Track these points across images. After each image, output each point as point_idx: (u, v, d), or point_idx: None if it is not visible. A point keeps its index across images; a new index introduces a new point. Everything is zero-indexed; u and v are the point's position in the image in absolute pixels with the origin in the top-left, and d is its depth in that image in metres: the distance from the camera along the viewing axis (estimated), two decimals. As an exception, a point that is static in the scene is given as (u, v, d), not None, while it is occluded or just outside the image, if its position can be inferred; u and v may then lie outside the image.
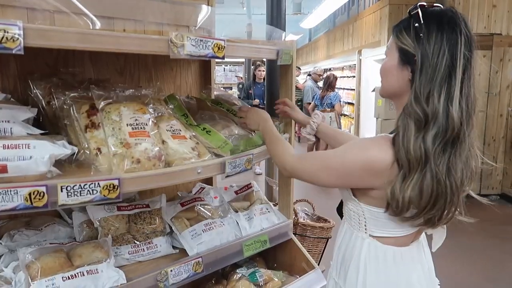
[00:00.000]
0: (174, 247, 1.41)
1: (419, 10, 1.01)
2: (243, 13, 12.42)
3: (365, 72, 7.43)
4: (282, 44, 1.49)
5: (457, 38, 0.96)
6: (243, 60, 15.55)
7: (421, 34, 0.98)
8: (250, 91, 6.42)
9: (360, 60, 7.50)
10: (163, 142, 1.17)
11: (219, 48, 1.14)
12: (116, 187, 0.96)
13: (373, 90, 5.62)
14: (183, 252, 1.36)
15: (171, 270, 1.21)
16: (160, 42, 1.05)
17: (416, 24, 1.00)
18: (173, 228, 1.41)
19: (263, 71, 6.10)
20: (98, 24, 1.18)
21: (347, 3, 11.10)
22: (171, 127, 1.22)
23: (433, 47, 0.97)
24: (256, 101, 6.21)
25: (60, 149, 0.99)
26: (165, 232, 1.40)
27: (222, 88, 15.98)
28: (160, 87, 1.46)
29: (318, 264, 1.84)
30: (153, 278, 1.18)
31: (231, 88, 16.80)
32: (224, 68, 17.80)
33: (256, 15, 12.02)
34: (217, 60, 1.22)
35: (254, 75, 6.47)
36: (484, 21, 5.81)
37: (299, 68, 12.38)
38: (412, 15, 1.03)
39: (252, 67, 6.93)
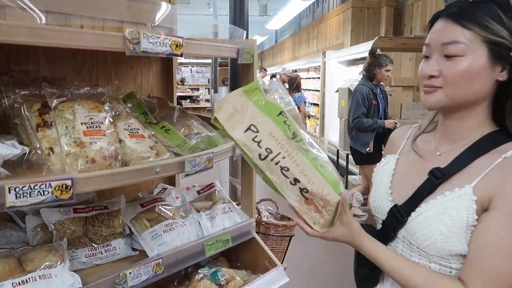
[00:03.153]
0: (134, 249, 1.38)
1: None
2: (210, 14, 12.39)
3: (329, 74, 7.56)
4: (243, 43, 1.49)
5: None
6: (209, 60, 15.51)
7: None
8: (374, 102, 4.05)
9: (325, 62, 7.63)
10: (120, 141, 1.14)
11: (177, 46, 1.13)
12: (69, 187, 0.93)
13: (337, 91, 5.73)
14: (143, 254, 1.33)
15: (130, 272, 1.18)
16: (116, 38, 1.03)
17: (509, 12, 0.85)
18: (132, 230, 1.38)
19: (389, 71, 4.05)
20: (51, 20, 1.14)
21: (312, 6, 11.28)
22: (128, 126, 1.20)
23: None
24: (392, 122, 4.04)
25: (9, 149, 0.95)
26: (124, 234, 1.37)
27: (189, 90, 15.83)
28: (118, 85, 1.43)
29: (282, 262, 1.85)
30: (110, 281, 1.15)
31: (198, 89, 16.69)
32: (191, 69, 17.65)
33: (223, 15, 12.03)
34: (184, 60, 1.19)
35: (375, 75, 4.05)
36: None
37: (265, 70, 12.46)
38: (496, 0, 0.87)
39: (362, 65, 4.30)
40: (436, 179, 0.91)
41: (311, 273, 3.39)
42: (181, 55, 1.14)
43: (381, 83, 4.20)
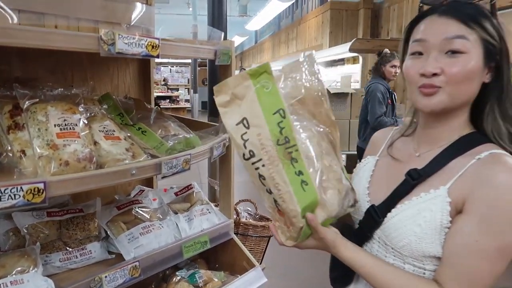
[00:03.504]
0: (110, 252, 1.36)
1: None
2: (189, 14, 12.30)
3: (309, 75, 7.61)
4: (221, 44, 1.49)
5: None
6: (189, 60, 15.41)
7: (499, 27, 0.86)
8: (389, 102, 3.90)
9: (304, 62, 7.68)
10: (95, 143, 1.12)
11: (153, 47, 1.12)
12: (41, 190, 0.91)
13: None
14: (119, 257, 1.31)
15: (106, 276, 1.17)
16: (90, 39, 1.01)
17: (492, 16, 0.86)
18: (108, 233, 1.36)
19: (396, 67, 3.84)
20: (24, 19, 1.12)
21: (291, 6, 11.36)
22: (104, 127, 1.18)
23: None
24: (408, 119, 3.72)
25: (-22, 151, 0.93)
26: (100, 237, 1.35)
27: (168, 90, 15.69)
28: (94, 86, 1.41)
29: (260, 263, 1.86)
30: (85, 286, 1.13)
31: (177, 89, 16.57)
32: (170, 69, 17.51)
33: (202, 15, 11.95)
34: (163, 60, 1.18)
35: (383, 72, 3.92)
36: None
37: (245, 70, 12.42)
38: (486, 4, 0.87)
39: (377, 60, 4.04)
40: (413, 180, 0.91)
41: (289, 273, 3.41)
42: (157, 57, 1.13)
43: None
